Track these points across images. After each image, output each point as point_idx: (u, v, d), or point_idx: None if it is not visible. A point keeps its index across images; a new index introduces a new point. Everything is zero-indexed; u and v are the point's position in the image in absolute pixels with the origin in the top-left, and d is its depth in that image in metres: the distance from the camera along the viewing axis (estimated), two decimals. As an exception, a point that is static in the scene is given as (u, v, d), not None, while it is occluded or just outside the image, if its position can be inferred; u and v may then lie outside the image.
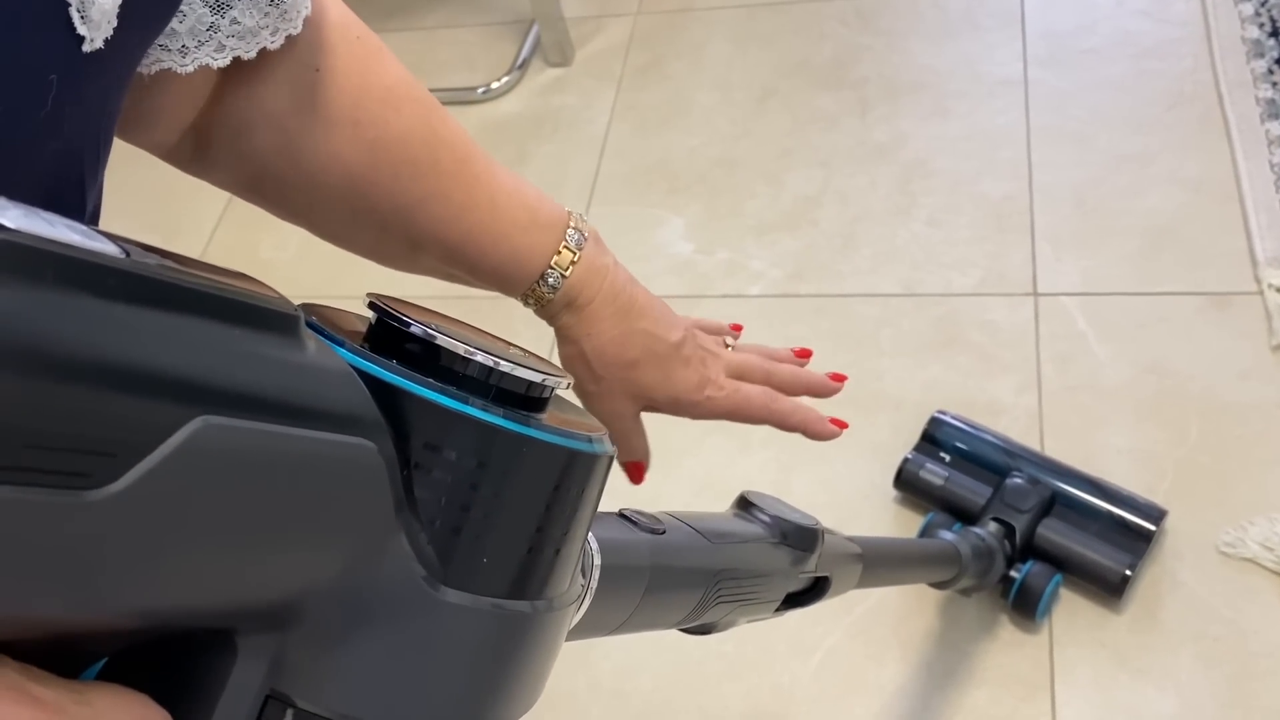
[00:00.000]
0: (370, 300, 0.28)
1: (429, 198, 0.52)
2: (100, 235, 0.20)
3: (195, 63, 0.41)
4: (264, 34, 0.42)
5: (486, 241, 0.54)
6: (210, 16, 0.40)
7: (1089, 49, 1.45)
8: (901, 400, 1.20)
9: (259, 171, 0.50)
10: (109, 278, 0.19)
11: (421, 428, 0.25)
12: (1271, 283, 1.17)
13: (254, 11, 0.41)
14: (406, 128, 0.51)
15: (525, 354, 0.31)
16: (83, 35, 0.29)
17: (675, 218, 1.43)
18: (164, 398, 0.19)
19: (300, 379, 0.23)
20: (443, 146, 0.52)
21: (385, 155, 0.50)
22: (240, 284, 0.22)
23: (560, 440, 0.27)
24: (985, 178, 1.36)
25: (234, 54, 0.42)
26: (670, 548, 0.43)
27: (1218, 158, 1.30)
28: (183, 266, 0.21)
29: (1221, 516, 1.04)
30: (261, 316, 0.22)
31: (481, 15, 1.78)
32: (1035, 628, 1.02)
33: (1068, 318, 1.22)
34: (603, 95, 1.61)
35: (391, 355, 0.26)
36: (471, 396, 0.26)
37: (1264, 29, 1.40)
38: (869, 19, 1.59)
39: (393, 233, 0.53)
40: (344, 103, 0.49)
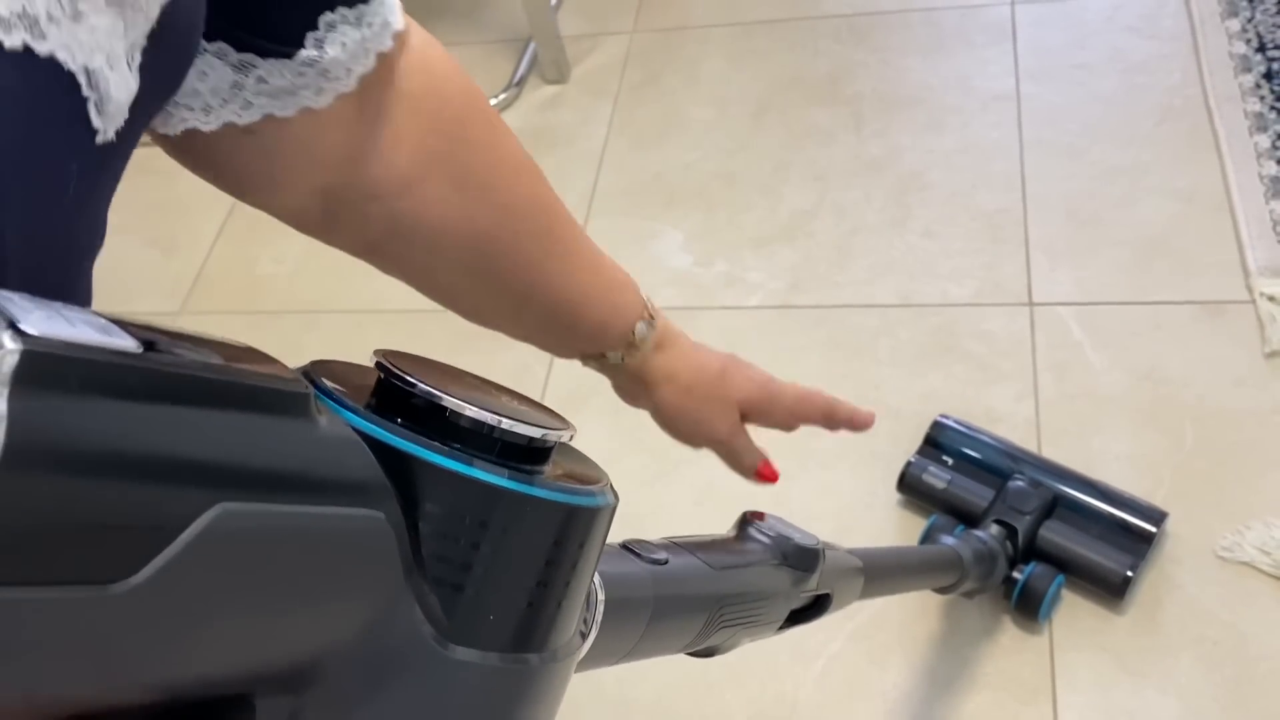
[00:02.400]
0: (376, 360, 0.29)
1: (546, 258, 0.55)
2: (117, 327, 0.21)
3: (219, 120, 0.42)
4: (305, 94, 0.43)
5: (593, 297, 0.58)
6: (232, 75, 0.41)
7: (1080, 64, 1.47)
8: (900, 409, 1.21)
9: (387, 233, 0.51)
10: (127, 376, 0.19)
11: (424, 489, 0.26)
12: (1264, 291, 1.19)
13: (285, 72, 0.41)
14: (529, 193, 0.54)
15: (528, 404, 0.32)
16: (97, 128, 0.30)
17: (673, 231, 1.44)
18: (183, 489, 0.20)
19: (311, 457, 0.24)
20: (554, 210, 0.56)
21: (509, 219, 0.53)
22: (251, 365, 0.23)
23: (560, 496, 0.28)
24: (980, 190, 1.38)
25: (265, 111, 0.42)
26: (673, 578, 0.44)
27: (1208, 170, 1.32)
28: (195, 349, 0.22)
29: (1218, 521, 1.05)
30: (273, 399, 0.23)
31: (479, 33, 1.79)
32: (1036, 630, 1.02)
33: (1063, 327, 1.23)
34: (600, 111, 1.62)
35: (397, 413, 0.27)
36: (473, 455, 0.27)
37: (1251, 44, 1.42)
38: (863, 35, 1.61)
39: (506, 292, 0.56)
40: (477, 169, 0.51)
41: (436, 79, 0.49)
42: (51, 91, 0.28)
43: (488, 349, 1.38)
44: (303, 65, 0.42)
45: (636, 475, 1.22)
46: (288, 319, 1.49)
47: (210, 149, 0.44)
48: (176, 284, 1.59)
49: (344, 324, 1.46)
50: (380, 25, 0.44)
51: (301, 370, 0.29)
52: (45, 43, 0.27)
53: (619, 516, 0.39)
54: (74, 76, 0.28)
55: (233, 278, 1.57)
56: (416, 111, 0.48)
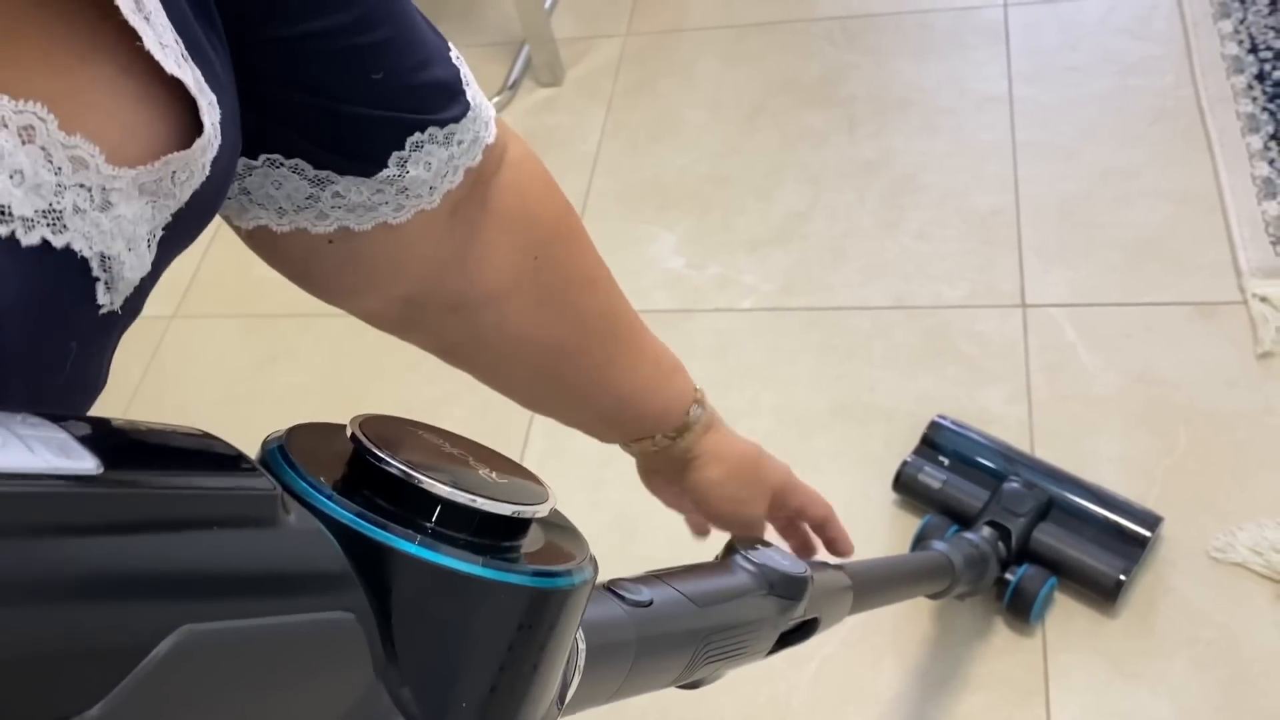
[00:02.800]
0: (352, 432, 0.28)
1: (612, 361, 0.57)
2: (79, 444, 0.20)
3: (292, 224, 0.41)
4: (384, 210, 0.41)
5: (653, 389, 0.59)
6: (309, 189, 0.40)
7: (1072, 66, 1.47)
8: (893, 411, 1.21)
9: (464, 340, 0.52)
10: (83, 504, 0.19)
11: (392, 575, 0.26)
12: (1256, 292, 1.19)
13: (363, 189, 0.40)
14: (599, 304, 0.55)
15: (508, 471, 0.31)
16: (103, 304, 0.29)
17: (667, 233, 1.44)
18: (143, 614, 0.20)
19: (277, 564, 0.23)
20: (621, 314, 0.57)
21: (580, 330, 0.54)
22: (214, 473, 0.22)
23: (529, 580, 0.28)
24: (973, 192, 1.38)
25: (341, 223, 0.41)
26: (657, 618, 0.44)
27: (1200, 171, 1.32)
28: (160, 459, 0.21)
29: (1211, 522, 1.05)
30: (237, 509, 0.22)
31: (473, 36, 1.80)
32: (1029, 632, 1.02)
33: (1056, 328, 1.23)
34: (593, 114, 1.63)
35: (370, 487, 0.27)
36: (444, 535, 0.27)
37: (1243, 45, 1.42)
38: (856, 38, 1.61)
39: (571, 393, 0.57)
40: (555, 286, 0.52)
41: (530, 200, 0.48)
42: (61, 277, 0.28)
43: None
44: (382, 183, 0.40)
45: (629, 477, 1.22)
46: (283, 322, 1.49)
47: (286, 248, 0.43)
48: (171, 288, 1.59)
49: (340, 327, 1.46)
50: (471, 141, 0.42)
51: (275, 444, 0.28)
52: (64, 235, 0.27)
53: (613, 519, 0.39)
54: (88, 262, 0.28)
55: (228, 281, 1.57)
56: (507, 230, 0.48)
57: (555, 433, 1.31)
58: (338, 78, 0.38)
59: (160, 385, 1.48)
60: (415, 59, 0.40)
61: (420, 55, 0.40)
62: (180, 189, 0.30)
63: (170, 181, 0.30)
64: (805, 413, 1.24)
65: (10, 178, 0.25)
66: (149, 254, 0.30)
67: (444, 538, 0.27)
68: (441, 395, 1.36)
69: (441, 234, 0.45)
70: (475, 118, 0.42)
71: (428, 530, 0.26)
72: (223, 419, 1.42)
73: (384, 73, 0.38)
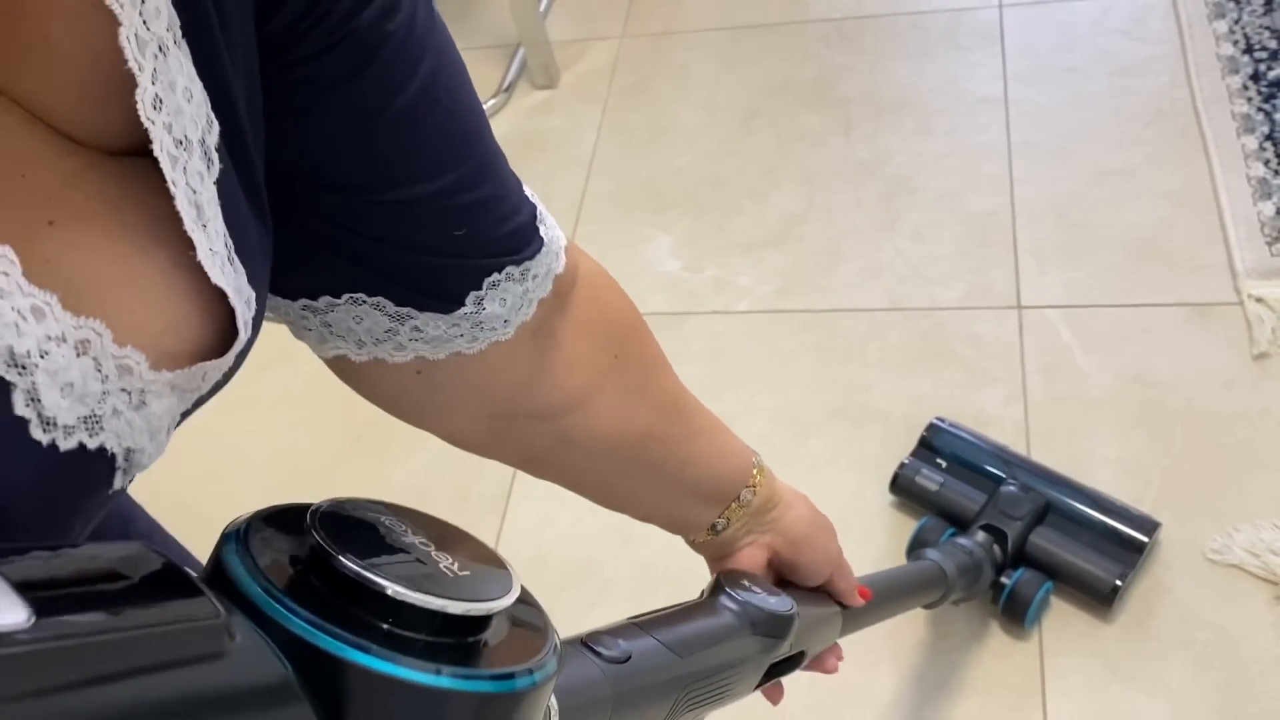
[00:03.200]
0: (309, 524, 0.28)
1: (695, 435, 0.57)
2: (9, 594, 0.19)
3: (370, 355, 0.42)
4: (459, 341, 0.42)
5: (726, 450, 0.59)
6: (388, 323, 0.41)
7: (1068, 67, 1.47)
8: (889, 413, 1.21)
9: (552, 447, 0.52)
10: (11, 668, 0.18)
11: (346, 686, 0.25)
12: (1251, 293, 1.19)
13: (440, 324, 0.41)
14: (674, 387, 0.56)
15: (476, 558, 0.31)
16: (117, 487, 0.30)
17: (663, 235, 1.44)
18: None
19: (224, 695, 0.23)
20: (687, 392, 0.57)
21: (663, 412, 0.54)
22: (157, 604, 0.22)
23: (486, 687, 0.27)
24: (968, 193, 1.38)
25: (418, 354, 0.42)
26: (635, 673, 0.43)
27: (1196, 172, 1.32)
28: (97, 597, 0.21)
29: (1208, 524, 1.05)
30: (182, 647, 0.22)
31: (468, 39, 1.79)
32: (1025, 636, 1.02)
33: (1052, 330, 1.23)
34: (589, 116, 1.62)
35: (326, 585, 0.27)
36: (399, 637, 0.26)
37: (1238, 46, 1.42)
38: (851, 39, 1.61)
39: (659, 479, 0.57)
40: (637, 377, 0.53)
41: (604, 304, 0.50)
42: (85, 470, 0.28)
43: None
44: (458, 319, 0.41)
45: (626, 481, 1.22)
46: (278, 326, 1.49)
47: (370, 377, 0.44)
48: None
49: (334, 331, 1.45)
50: (544, 275, 0.43)
51: (233, 539, 0.28)
52: (99, 436, 0.27)
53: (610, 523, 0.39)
54: (115, 457, 0.28)
55: (222, 285, 1.57)
56: (586, 337, 0.49)
57: (551, 436, 1.31)
58: (424, 235, 0.39)
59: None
60: (501, 212, 0.41)
61: (506, 207, 0.41)
62: (207, 384, 0.32)
63: (201, 380, 0.31)
64: (801, 414, 1.24)
65: (60, 390, 0.26)
66: (166, 440, 0.31)
67: (401, 641, 0.26)
68: (437, 399, 1.36)
69: (523, 356, 0.46)
70: (549, 252, 0.44)
71: (383, 634, 0.26)
72: (218, 424, 1.42)
73: (469, 228, 0.39)
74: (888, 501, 1.14)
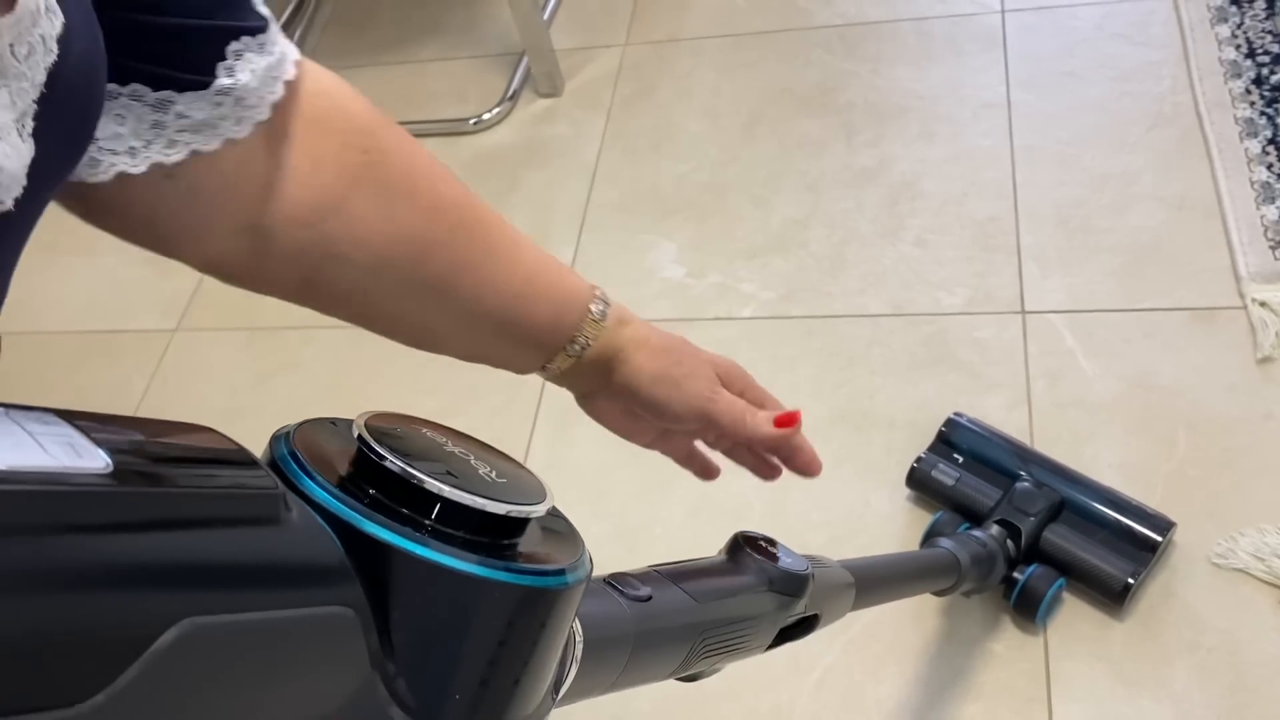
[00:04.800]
0: (358, 432, 0.29)
1: (486, 256, 0.55)
2: (90, 443, 0.21)
3: (147, 161, 0.42)
4: (225, 125, 0.43)
5: (541, 286, 0.56)
6: (152, 114, 0.41)
7: (1069, 71, 1.48)
8: (894, 419, 1.21)
9: (321, 259, 0.51)
10: (93, 504, 0.20)
11: (390, 571, 0.26)
12: (1255, 297, 1.19)
13: (203, 104, 0.42)
14: (454, 193, 0.54)
15: (510, 470, 0.32)
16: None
17: (666, 242, 1.45)
18: (147, 606, 0.20)
19: (278, 560, 0.24)
20: (480, 210, 0.55)
21: (441, 220, 0.53)
22: (219, 472, 0.23)
23: (520, 579, 0.28)
24: (971, 198, 1.38)
25: (191, 147, 0.43)
26: (655, 613, 0.45)
27: (1199, 176, 1.32)
28: (166, 455, 0.22)
29: (1212, 528, 1.05)
30: (239, 508, 0.23)
31: (473, 48, 1.80)
32: (1032, 639, 1.02)
33: (1055, 335, 1.23)
34: (593, 124, 1.63)
35: (372, 483, 0.28)
36: (440, 532, 0.27)
37: (1240, 50, 1.42)
38: (853, 46, 1.61)
39: (453, 302, 0.55)
40: (398, 177, 0.51)
41: (338, 98, 0.50)
42: None
43: (481, 366, 1.39)
44: (219, 95, 0.42)
45: (630, 487, 1.22)
46: (285, 335, 1.50)
47: (133, 201, 0.44)
48: (173, 301, 1.59)
49: (341, 339, 1.46)
50: (280, 53, 0.45)
51: (283, 439, 0.29)
52: None
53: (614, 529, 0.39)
54: None
55: (229, 294, 1.57)
56: (328, 131, 0.49)
57: (556, 444, 1.31)
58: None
59: (163, 398, 1.48)
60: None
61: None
62: (28, 66, 0.30)
63: (11, 57, 0.29)
64: (806, 421, 1.24)
65: None
66: (25, 144, 0.30)
67: (442, 535, 0.27)
68: (441, 407, 1.36)
69: (273, 148, 0.47)
70: (277, 32, 0.45)
71: (426, 528, 0.27)
72: (225, 432, 1.43)
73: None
74: (894, 507, 1.15)
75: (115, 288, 1.65)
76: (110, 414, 0.24)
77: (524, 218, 1.53)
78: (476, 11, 1.86)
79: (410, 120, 1.71)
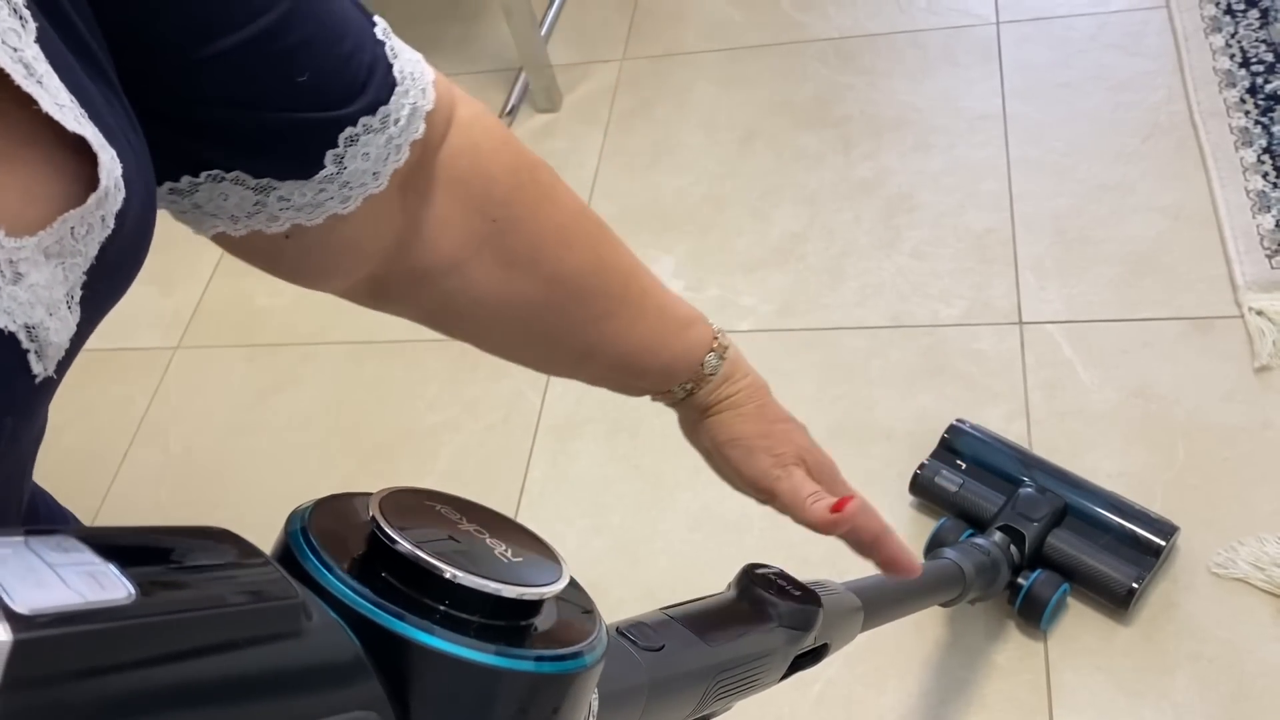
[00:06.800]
0: (372, 513, 0.29)
1: (601, 318, 0.55)
2: (112, 569, 0.21)
3: (247, 229, 0.41)
4: (331, 204, 0.42)
5: (658, 343, 0.57)
6: (254, 196, 0.40)
7: (1065, 83, 1.48)
8: (892, 430, 1.21)
9: (439, 309, 0.51)
10: (119, 639, 0.20)
11: (408, 663, 0.27)
12: (1252, 306, 1.19)
13: (306, 190, 0.40)
14: (579, 261, 0.53)
15: (525, 546, 0.32)
16: (37, 373, 0.29)
17: (665, 256, 1.45)
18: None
19: (301, 672, 0.24)
20: (612, 271, 0.54)
21: (560, 289, 0.52)
22: (241, 586, 0.23)
23: (538, 667, 0.29)
24: (968, 210, 1.39)
25: (293, 222, 0.41)
26: (670, 660, 0.45)
27: (1194, 185, 1.32)
28: (185, 574, 0.22)
29: (1212, 537, 1.05)
30: (264, 626, 0.23)
31: (471, 64, 1.81)
32: (1034, 650, 1.02)
33: (1053, 345, 1.24)
34: (591, 139, 1.64)
35: (386, 569, 0.28)
36: (455, 618, 0.28)
37: (1235, 60, 1.43)
38: (849, 59, 1.62)
39: (562, 350, 0.56)
40: (521, 247, 0.50)
41: (483, 158, 0.48)
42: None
43: (484, 378, 1.39)
44: (323, 182, 0.40)
45: (630, 501, 1.23)
46: (286, 351, 1.50)
47: (249, 247, 0.44)
48: (175, 319, 1.60)
49: (341, 355, 1.47)
50: (408, 116, 0.42)
51: (299, 526, 0.29)
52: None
53: (615, 543, 0.39)
54: (15, 336, 0.28)
55: (230, 312, 1.58)
56: (462, 196, 0.47)
57: (557, 459, 1.32)
58: (259, 89, 0.37)
59: (165, 416, 1.48)
60: (341, 51, 0.39)
61: (345, 46, 0.39)
62: (84, 244, 0.30)
63: (71, 238, 0.30)
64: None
65: None
66: (71, 315, 0.30)
67: (457, 622, 0.28)
68: (442, 421, 1.37)
69: (393, 211, 0.45)
70: (408, 90, 0.41)
71: (440, 615, 0.28)
72: (227, 449, 1.43)
73: (309, 73, 0.38)
74: (894, 518, 1.14)
75: (118, 306, 1.65)
76: (127, 528, 0.24)
77: (523, 233, 1.53)
78: (475, 28, 1.87)
79: (409, 136, 1.72)
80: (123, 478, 1.43)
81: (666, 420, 0.63)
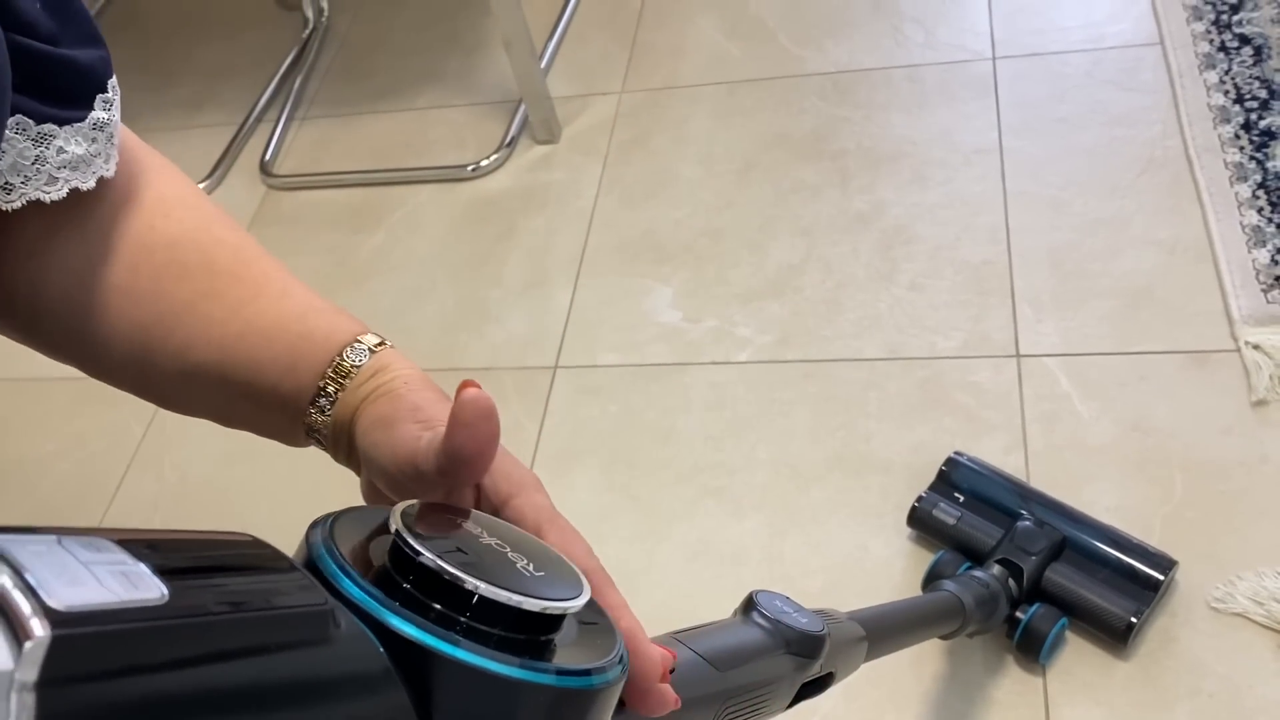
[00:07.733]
0: (394, 526, 0.29)
1: (201, 300, 0.46)
2: (145, 569, 0.21)
3: (24, 198, 0.40)
4: (98, 161, 0.41)
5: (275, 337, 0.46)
6: (34, 149, 0.39)
7: (1060, 118, 1.49)
8: (890, 463, 1.21)
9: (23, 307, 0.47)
10: (152, 639, 0.20)
11: (431, 673, 0.27)
12: (1248, 340, 1.20)
13: (80, 139, 0.40)
14: (176, 233, 0.46)
15: (547, 563, 0.32)
16: None
17: (663, 287, 1.45)
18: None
19: (330, 679, 0.24)
20: (220, 246, 0.47)
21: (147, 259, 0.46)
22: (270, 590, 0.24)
23: (558, 681, 0.28)
24: (965, 243, 1.40)
25: (70, 185, 0.41)
26: (679, 685, 0.44)
27: (1190, 220, 1.33)
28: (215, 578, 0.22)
29: (1210, 572, 1.05)
30: (293, 631, 0.23)
31: (471, 95, 1.82)
32: (1032, 684, 1.02)
33: (1051, 378, 1.24)
34: (589, 170, 1.65)
35: (409, 581, 0.28)
36: (476, 629, 0.28)
37: (1229, 95, 1.44)
38: (847, 92, 1.63)
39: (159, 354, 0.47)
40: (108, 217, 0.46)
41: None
42: None
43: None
44: (95, 129, 0.41)
45: (628, 532, 1.22)
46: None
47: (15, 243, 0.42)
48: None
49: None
50: (115, 120, 0.43)
51: (321, 537, 0.29)
52: None
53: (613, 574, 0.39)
54: None
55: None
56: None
57: (553, 488, 1.31)
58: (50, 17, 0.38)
59: (160, 444, 1.48)
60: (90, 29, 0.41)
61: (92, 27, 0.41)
62: None
63: None
64: (801, 465, 1.24)
65: None
66: None
67: (479, 634, 0.28)
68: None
69: None
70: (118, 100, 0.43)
71: (462, 626, 0.28)
72: (221, 478, 1.43)
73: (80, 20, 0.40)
74: (891, 551, 1.14)
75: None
76: (157, 530, 0.24)
77: (521, 263, 1.54)
78: (474, 60, 1.89)
79: (409, 167, 1.73)
80: (118, 505, 1.42)
81: (665, 451, 0.63)
